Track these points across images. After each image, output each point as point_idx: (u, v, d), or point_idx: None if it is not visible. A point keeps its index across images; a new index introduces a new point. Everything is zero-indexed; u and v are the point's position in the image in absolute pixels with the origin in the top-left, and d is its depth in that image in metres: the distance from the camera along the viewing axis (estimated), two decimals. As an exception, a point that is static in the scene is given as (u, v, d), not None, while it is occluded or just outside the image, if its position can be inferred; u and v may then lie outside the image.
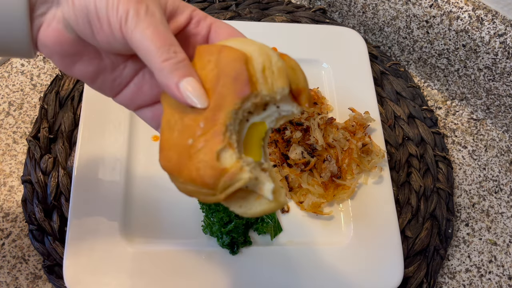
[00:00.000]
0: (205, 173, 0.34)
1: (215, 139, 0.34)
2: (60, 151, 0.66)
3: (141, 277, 0.57)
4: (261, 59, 0.34)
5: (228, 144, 0.34)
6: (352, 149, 0.67)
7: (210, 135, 0.34)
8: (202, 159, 0.34)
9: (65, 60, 0.39)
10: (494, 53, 0.70)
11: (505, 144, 0.78)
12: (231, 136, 0.34)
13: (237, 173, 0.34)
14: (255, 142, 0.37)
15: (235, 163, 0.34)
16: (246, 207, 0.37)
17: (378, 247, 0.63)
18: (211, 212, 0.61)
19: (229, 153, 0.34)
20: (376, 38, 0.84)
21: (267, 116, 0.37)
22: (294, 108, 0.36)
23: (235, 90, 0.34)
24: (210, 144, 0.34)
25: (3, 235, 0.62)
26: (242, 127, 0.36)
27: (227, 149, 0.34)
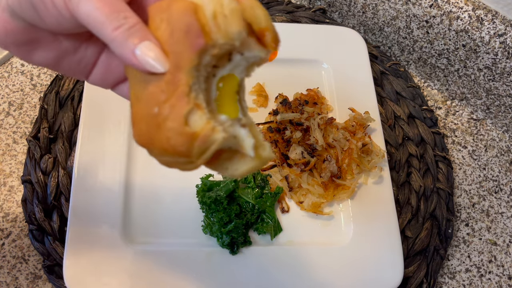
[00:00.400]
0: (176, 141, 0.31)
1: (180, 102, 0.31)
2: (60, 151, 0.66)
3: (141, 277, 0.57)
4: (211, 5, 0.31)
5: (195, 105, 0.31)
6: (352, 149, 0.67)
7: (174, 99, 0.31)
8: (171, 126, 0.31)
9: (22, 49, 0.37)
10: (494, 53, 0.70)
11: (505, 144, 0.78)
12: (197, 96, 0.32)
13: (209, 134, 0.31)
14: (228, 98, 0.34)
15: (206, 124, 0.31)
16: (232, 168, 0.35)
17: (378, 247, 0.63)
18: (211, 212, 0.61)
19: (198, 115, 0.31)
20: (376, 38, 0.84)
21: (235, 66, 0.34)
22: (260, 52, 0.33)
23: (190, 44, 0.31)
24: (176, 109, 0.31)
25: (3, 235, 0.62)
26: (209, 84, 0.33)
27: (195, 111, 0.31)
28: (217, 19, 0.31)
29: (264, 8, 0.33)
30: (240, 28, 0.31)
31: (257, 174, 0.64)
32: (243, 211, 0.62)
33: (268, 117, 0.71)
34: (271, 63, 0.75)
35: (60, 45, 0.37)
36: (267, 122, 0.70)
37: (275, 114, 0.70)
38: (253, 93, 0.73)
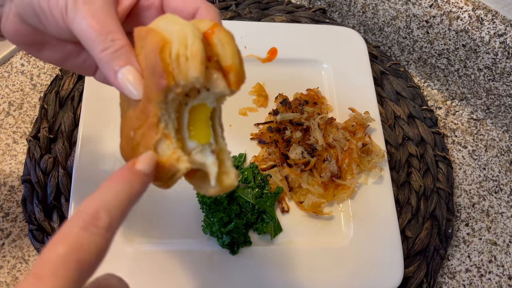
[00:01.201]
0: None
1: (150, 132, 0.33)
2: (60, 151, 0.66)
3: (141, 277, 0.57)
4: (176, 44, 0.32)
5: (163, 135, 0.33)
6: (352, 149, 0.67)
7: (145, 128, 0.33)
8: (142, 153, 0.33)
9: (30, 48, 0.40)
10: (494, 53, 0.70)
11: (505, 144, 0.78)
12: (167, 126, 0.33)
13: (174, 164, 0.33)
14: (200, 124, 0.36)
15: (172, 154, 0.33)
16: (203, 188, 0.37)
17: (378, 247, 0.63)
18: (211, 212, 0.61)
19: (166, 144, 0.33)
20: (376, 38, 0.84)
21: (204, 98, 0.35)
22: (223, 89, 0.34)
23: (155, 83, 0.32)
24: (146, 138, 0.33)
25: (3, 235, 0.62)
26: (181, 112, 0.35)
27: (164, 140, 0.33)
28: (179, 60, 0.31)
29: (235, 45, 0.34)
30: (198, 74, 0.31)
31: (257, 174, 0.64)
32: (243, 211, 0.62)
33: (268, 117, 0.71)
34: (271, 63, 0.75)
35: (65, 47, 0.40)
36: (267, 122, 0.70)
37: (275, 114, 0.70)
38: (253, 93, 0.73)
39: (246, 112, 0.71)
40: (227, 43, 0.34)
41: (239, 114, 0.71)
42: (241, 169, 0.65)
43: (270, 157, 0.67)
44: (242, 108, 0.71)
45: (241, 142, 0.69)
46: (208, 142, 0.36)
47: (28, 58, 0.74)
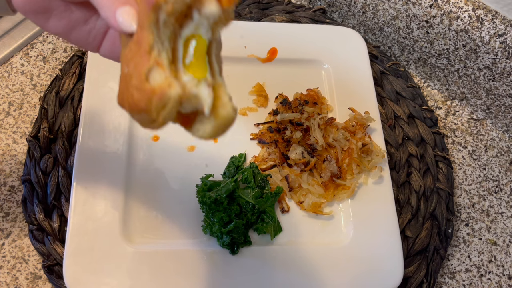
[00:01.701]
0: (137, 97, 0.32)
1: (142, 60, 0.32)
2: (60, 151, 0.66)
3: (141, 277, 0.57)
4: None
5: (155, 63, 0.32)
6: (352, 149, 0.67)
7: (138, 57, 0.32)
8: (134, 83, 0.32)
9: (39, 18, 0.40)
10: (494, 53, 0.70)
11: (505, 144, 0.78)
12: (160, 54, 0.32)
13: (165, 91, 0.31)
14: (196, 59, 0.34)
15: (163, 81, 0.32)
16: (201, 130, 0.35)
17: (378, 247, 0.63)
18: (211, 212, 0.61)
19: (158, 72, 0.32)
20: (376, 38, 0.84)
21: (197, 25, 0.34)
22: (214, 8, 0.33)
23: (146, 2, 0.32)
24: (138, 67, 0.32)
25: (3, 235, 0.62)
26: (175, 43, 0.34)
27: (156, 68, 0.32)
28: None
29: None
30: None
31: (257, 174, 0.64)
32: (243, 211, 0.62)
33: (268, 117, 0.71)
34: (271, 63, 0.75)
35: (71, 14, 0.41)
36: (267, 122, 0.70)
37: (275, 114, 0.70)
38: (253, 93, 0.73)
39: (246, 112, 0.71)
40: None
41: (239, 114, 0.71)
42: (241, 169, 0.65)
43: (270, 157, 0.67)
44: (242, 108, 0.71)
45: (241, 142, 0.69)
46: (204, 77, 0.34)
47: (28, 58, 0.74)
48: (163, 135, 0.67)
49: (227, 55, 0.73)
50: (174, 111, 0.33)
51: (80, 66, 0.73)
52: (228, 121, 0.34)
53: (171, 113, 0.32)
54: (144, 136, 0.67)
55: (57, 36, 0.57)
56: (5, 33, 0.74)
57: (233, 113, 0.34)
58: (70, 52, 0.75)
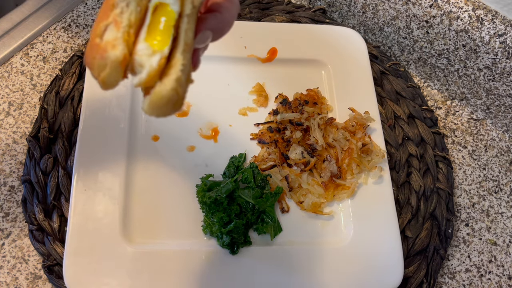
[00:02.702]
0: (87, 51, 0.31)
1: (104, 16, 0.31)
2: (60, 151, 0.66)
3: (141, 277, 0.57)
4: None
5: (113, 22, 0.31)
6: (352, 149, 0.67)
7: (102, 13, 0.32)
8: (90, 38, 0.31)
9: None
10: (494, 53, 0.70)
11: (505, 144, 0.78)
12: (122, 13, 0.31)
13: (107, 50, 0.30)
14: (160, 29, 0.32)
15: (111, 40, 0.30)
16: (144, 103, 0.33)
17: (378, 247, 0.63)
18: (211, 212, 0.61)
19: (112, 31, 0.31)
20: (376, 38, 0.84)
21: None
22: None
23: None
24: (99, 22, 0.31)
25: (3, 235, 0.62)
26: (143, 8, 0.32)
27: (111, 27, 0.31)
28: None
29: None
30: None
31: (257, 174, 0.64)
32: (243, 211, 0.62)
33: (268, 117, 0.71)
34: (271, 63, 0.75)
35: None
36: (267, 122, 0.70)
37: (275, 114, 0.70)
38: (253, 93, 0.73)
39: (246, 112, 0.71)
40: None
41: (239, 114, 0.71)
42: (241, 169, 0.65)
43: (270, 157, 0.67)
44: (242, 108, 0.71)
45: (241, 142, 0.69)
46: (161, 50, 0.32)
47: (28, 58, 0.74)
48: (163, 135, 0.67)
49: (227, 55, 0.74)
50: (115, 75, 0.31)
51: (80, 66, 0.73)
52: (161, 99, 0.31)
53: (110, 76, 0.31)
54: (144, 136, 0.67)
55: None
56: (5, 33, 0.74)
57: (169, 93, 0.31)
58: (70, 52, 0.75)
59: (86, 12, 0.79)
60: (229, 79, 0.73)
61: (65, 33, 0.77)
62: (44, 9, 0.77)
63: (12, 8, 0.77)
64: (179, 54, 0.33)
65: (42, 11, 0.77)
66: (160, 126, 0.68)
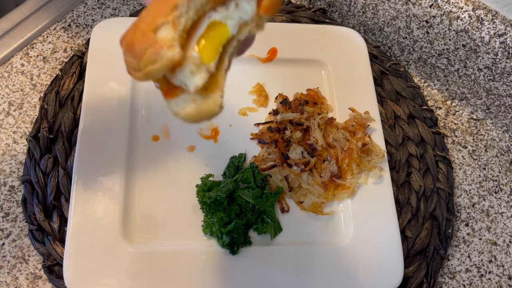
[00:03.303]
0: (138, 39, 0.32)
1: (162, 12, 0.32)
2: (60, 151, 0.66)
3: (141, 277, 0.57)
4: None
5: (171, 22, 0.32)
6: (352, 149, 0.67)
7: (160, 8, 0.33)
8: (142, 27, 0.32)
9: None
10: (494, 53, 0.70)
11: (505, 144, 0.78)
12: (180, 17, 0.32)
13: (163, 47, 0.31)
14: (212, 43, 0.34)
15: (169, 39, 0.32)
16: (181, 106, 0.34)
17: (378, 247, 0.63)
18: (211, 212, 0.61)
19: (168, 31, 0.32)
20: (376, 38, 0.84)
21: (228, 16, 0.34)
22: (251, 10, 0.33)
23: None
24: (155, 16, 0.32)
25: (3, 235, 0.62)
26: (200, 20, 0.34)
27: (168, 26, 0.32)
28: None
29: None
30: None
31: (257, 174, 0.64)
32: (243, 211, 0.62)
33: (268, 117, 0.71)
34: (271, 63, 0.75)
35: None
36: (267, 122, 0.70)
37: (275, 114, 0.70)
38: (253, 93, 0.73)
39: (246, 112, 0.71)
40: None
41: (239, 114, 0.71)
42: (241, 169, 0.65)
43: (270, 157, 0.67)
44: (242, 108, 0.71)
45: (241, 142, 0.69)
46: (209, 63, 0.34)
47: (28, 58, 0.74)
48: (163, 135, 0.67)
49: (227, 55, 0.74)
50: (162, 71, 0.32)
51: (80, 66, 0.73)
52: (209, 113, 0.34)
53: (157, 72, 0.32)
54: (144, 136, 0.67)
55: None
56: (5, 33, 0.74)
57: (217, 109, 0.34)
58: (70, 52, 0.75)
59: (86, 12, 0.79)
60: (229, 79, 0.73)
61: (65, 33, 0.77)
62: (44, 9, 0.77)
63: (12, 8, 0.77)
64: (224, 72, 0.35)
65: (42, 11, 0.77)
66: (160, 126, 0.68)
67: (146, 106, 0.69)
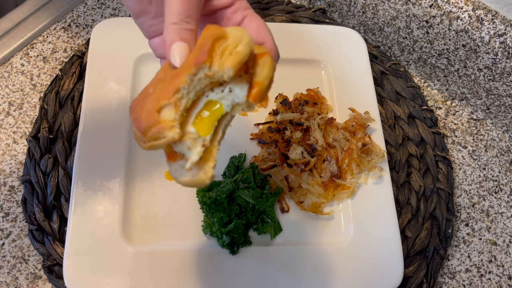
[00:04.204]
0: (144, 117, 0.37)
1: (166, 94, 0.37)
2: (60, 151, 0.66)
3: (141, 277, 0.57)
4: (231, 41, 0.37)
5: (173, 103, 0.37)
6: (352, 149, 0.67)
7: (165, 88, 0.37)
8: (148, 105, 0.37)
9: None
10: (494, 53, 0.70)
11: (505, 144, 0.78)
12: (181, 99, 0.37)
13: (165, 128, 0.36)
14: (208, 119, 0.39)
15: (170, 120, 0.37)
16: (179, 173, 0.39)
17: (378, 247, 0.63)
18: (211, 212, 0.61)
19: (171, 111, 0.37)
20: (376, 38, 0.84)
21: (223, 97, 0.39)
22: (242, 96, 0.38)
23: (195, 56, 0.37)
24: (160, 97, 0.37)
25: (3, 235, 0.62)
26: (199, 99, 0.39)
27: (170, 107, 0.37)
28: (224, 52, 0.37)
29: (272, 73, 0.40)
30: (231, 66, 0.36)
31: (257, 174, 0.64)
32: (243, 211, 0.62)
33: (268, 117, 0.71)
34: (271, 63, 0.75)
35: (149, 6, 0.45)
36: (267, 122, 0.70)
37: (275, 114, 0.70)
38: (253, 93, 0.73)
39: (246, 112, 0.71)
40: (267, 67, 0.39)
41: (239, 114, 0.71)
42: (241, 169, 0.65)
43: (270, 157, 0.67)
44: (242, 108, 0.71)
45: (241, 142, 0.69)
46: (205, 136, 0.38)
47: (28, 58, 0.74)
48: (163, 135, 0.67)
49: (227, 55, 0.74)
50: (164, 146, 0.37)
51: (80, 66, 0.73)
52: (200, 184, 0.38)
53: (159, 147, 0.37)
54: (144, 136, 0.67)
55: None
56: (5, 33, 0.74)
57: (207, 181, 0.38)
58: (70, 52, 0.75)
59: (86, 12, 0.79)
60: (229, 79, 0.73)
61: (65, 33, 0.77)
62: (44, 9, 0.77)
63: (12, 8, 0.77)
64: (217, 143, 0.39)
65: (42, 11, 0.77)
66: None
67: (146, 106, 0.69)
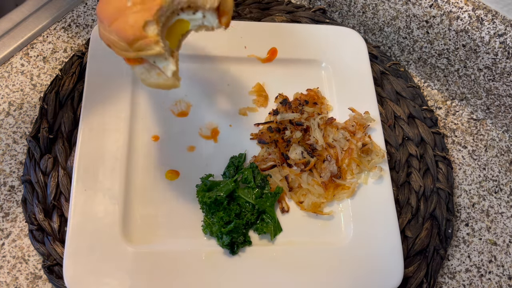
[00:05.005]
0: (130, 30, 0.44)
1: (149, 11, 0.44)
2: (60, 151, 0.66)
3: (141, 277, 0.57)
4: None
5: (156, 20, 0.44)
6: (352, 149, 0.67)
7: (146, 6, 0.44)
8: (133, 19, 0.44)
9: None
10: (494, 53, 0.70)
11: (505, 144, 0.78)
12: (161, 16, 0.45)
13: (152, 42, 0.44)
14: (176, 33, 0.48)
15: (155, 35, 0.44)
16: (145, 76, 0.48)
17: (378, 247, 0.63)
18: (211, 212, 0.61)
19: (154, 27, 0.44)
20: (376, 38, 0.84)
21: (193, 19, 0.48)
22: (215, 23, 0.48)
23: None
24: (143, 13, 0.44)
25: (3, 235, 0.62)
26: (172, 16, 0.47)
27: (153, 24, 0.44)
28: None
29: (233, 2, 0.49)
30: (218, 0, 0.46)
31: (257, 174, 0.64)
32: (243, 211, 0.62)
33: (268, 117, 0.71)
34: (271, 63, 0.75)
35: None
36: (267, 122, 0.70)
37: (275, 114, 0.70)
38: (253, 93, 0.73)
39: (246, 112, 0.71)
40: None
41: (239, 114, 0.71)
42: (241, 169, 0.65)
43: (270, 157, 0.67)
44: (242, 108, 0.71)
45: (241, 142, 0.69)
46: (175, 47, 0.48)
47: (28, 58, 0.74)
48: (163, 135, 0.67)
49: (227, 55, 0.74)
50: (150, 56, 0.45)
51: (80, 66, 0.73)
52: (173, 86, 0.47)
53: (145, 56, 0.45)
54: (144, 136, 0.67)
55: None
56: (5, 33, 0.74)
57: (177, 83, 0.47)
58: (70, 52, 0.75)
59: (86, 12, 0.79)
60: (229, 79, 0.73)
61: (65, 33, 0.77)
62: (44, 9, 0.77)
63: (12, 8, 0.77)
64: (177, 53, 0.49)
65: (42, 11, 0.77)
66: (160, 126, 0.68)
67: (146, 106, 0.69)
